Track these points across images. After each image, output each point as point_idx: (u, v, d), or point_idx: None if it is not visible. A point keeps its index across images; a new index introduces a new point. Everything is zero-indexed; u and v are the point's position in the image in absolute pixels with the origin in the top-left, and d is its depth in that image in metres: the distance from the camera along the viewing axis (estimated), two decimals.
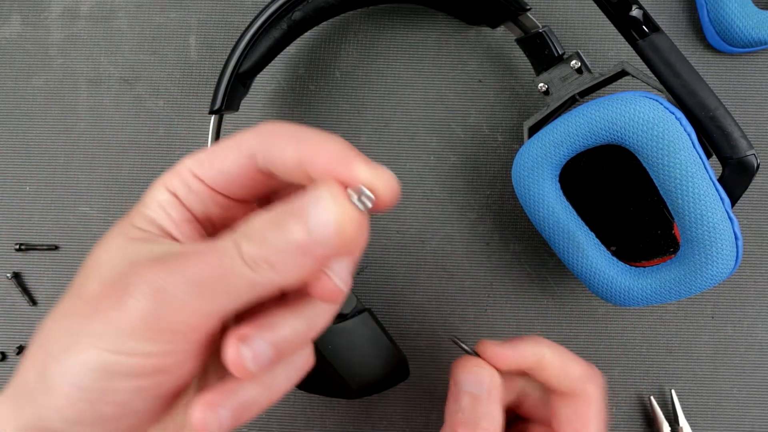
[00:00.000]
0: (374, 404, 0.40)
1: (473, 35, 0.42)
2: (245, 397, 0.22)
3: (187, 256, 0.20)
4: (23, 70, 0.43)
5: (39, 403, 0.20)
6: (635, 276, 0.33)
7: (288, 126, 0.22)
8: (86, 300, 0.20)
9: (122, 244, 0.22)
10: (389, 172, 0.20)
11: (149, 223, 0.22)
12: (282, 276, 0.19)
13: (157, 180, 0.23)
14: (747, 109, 0.41)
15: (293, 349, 0.22)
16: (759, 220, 0.40)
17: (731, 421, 0.39)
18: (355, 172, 0.20)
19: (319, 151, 0.20)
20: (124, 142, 0.42)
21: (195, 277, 0.19)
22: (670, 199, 0.30)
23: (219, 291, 0.19)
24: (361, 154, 0.20)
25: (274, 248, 0.19)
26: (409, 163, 0.41)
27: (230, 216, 0.24)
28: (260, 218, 0.20)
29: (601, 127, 0.31)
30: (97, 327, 0.20)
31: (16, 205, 0.42)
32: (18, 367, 0.21)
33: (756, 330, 0.40)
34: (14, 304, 0.41)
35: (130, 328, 0.19)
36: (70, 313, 0.21)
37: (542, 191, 0.34)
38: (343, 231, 0.19)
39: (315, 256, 0.19)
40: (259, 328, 0.21)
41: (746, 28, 0.38)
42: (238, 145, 0.22)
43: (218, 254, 0.19)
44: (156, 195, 0.22)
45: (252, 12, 0.42)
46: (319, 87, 0.42)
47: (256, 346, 0.20)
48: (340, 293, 0.21)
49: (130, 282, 0.20)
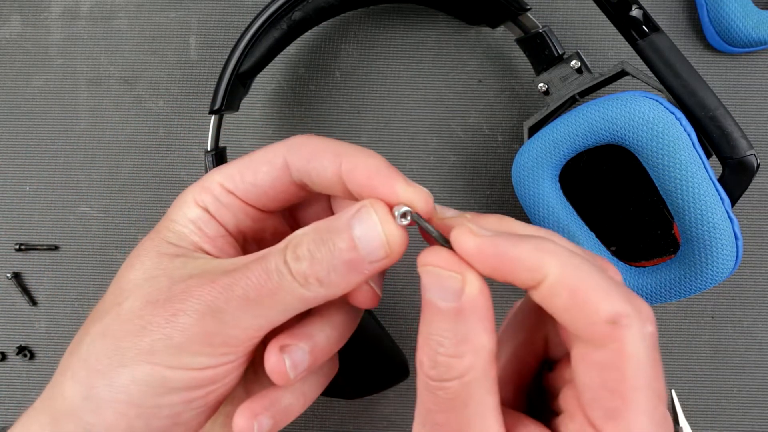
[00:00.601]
0: (374, 404, 0.40)
1: (473, 35, 0.42)
2: (283, 404, 0.23)
3: (237, 274, 0.20)
4: (23, 70, 0.43)
5: (86, 421, 0.20)
6: (635, 276, 0.33)
7: (322, 139, 0.22)
8: (129, 318, 0.21)
9: (158, 261, 0.22)
10: (425, 190, 0.21)
11: (182, 239, 0.22)
12: (330, 290, 0.20)
13: (184, 194, 0.23)
14: (747, 109, 0.41)
15: (326, 356, 0.23)
16: (759, 220, 0.40)
17: (731, 421, 0.39)
18: (397, 191, 0.20)
19: (358, 166, 0.21)
20: (124, 142, 0.42)
21: (247, 295, 0.20)
22: (670, 199, 0.30)
23: (270, 307, 0.20)
24: (398, 170, 0.21)
25: (325, 266, 0.20)
26: (409, 163, 0.41)
27: (260, 227, 0.24)
28: (307, 236, 0.20)
29: (601, 127, 0.31)
30: (148, 343, 0.20)
31: (16, 205, 0.42)
32: (52, 383, 0.21)
33: (756, 330, 0.40)
34: (14, 304, 0.41)
35: (184, 343, 0.20)
36: (112, 332, 0.21)
37: (542, 191, 0.34)
38: (390, 248, 0.20)
39: (362, 272, 0.20)
40: (297, 338, 0.22)
41: (746, 28, 0.38)
42: (271, 158, 0.22)
43: (269, 272, 0.20)
44: (187, 211, 0.23)
45: (252, 12, 0.42)
46: (319, 87, 0.42)
47: (295, 355, 0.21)
48: (378, 299, 0.23)
49: (180, 299, 0.20)
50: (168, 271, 0.21)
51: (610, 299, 0.17)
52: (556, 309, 0.18)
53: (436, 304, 0.19)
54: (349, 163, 0.21)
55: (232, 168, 0.23)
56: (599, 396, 0.18)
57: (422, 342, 0.19)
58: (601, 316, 0.17)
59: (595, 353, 0.18)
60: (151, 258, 0.22)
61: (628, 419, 0.17)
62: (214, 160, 0.35)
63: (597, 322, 0.17)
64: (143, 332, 0.20)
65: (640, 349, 0.17)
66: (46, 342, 0.41)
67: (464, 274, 0.19)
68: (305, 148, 0.22)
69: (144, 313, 0.20)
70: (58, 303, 0.41)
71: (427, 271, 0.19)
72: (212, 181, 0.23)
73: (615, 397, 0.17)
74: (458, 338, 0.19)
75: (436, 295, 0.19)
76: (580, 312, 0.18)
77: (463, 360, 0.18)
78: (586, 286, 0.18)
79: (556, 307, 0.18)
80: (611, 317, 0.17)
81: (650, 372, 0.18)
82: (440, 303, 0.19)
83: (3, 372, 0.41)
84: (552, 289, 0.18)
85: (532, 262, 0.18)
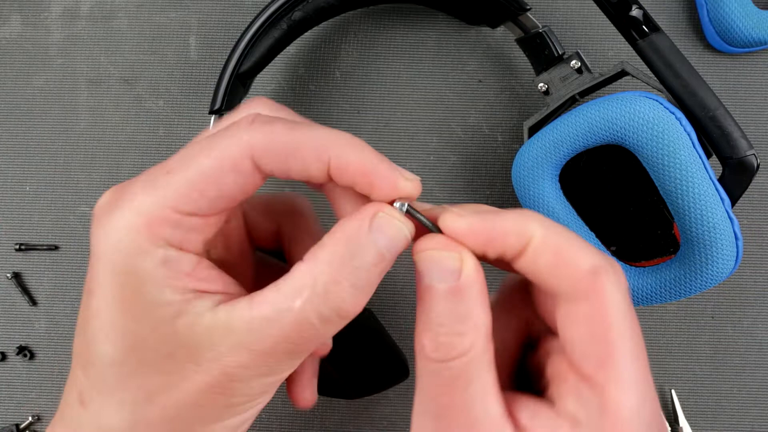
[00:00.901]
0: (374, 404, 0.40)
1: (473, 35, 0.42)
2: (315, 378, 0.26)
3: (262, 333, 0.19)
4: (23, 70, 0.43)
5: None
6: (635, 276, 0.33)
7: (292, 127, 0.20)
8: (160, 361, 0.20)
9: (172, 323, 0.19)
10: (417, 177, 0.21)
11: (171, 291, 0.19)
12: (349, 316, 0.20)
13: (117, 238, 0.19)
14: (747, 109, 0.41)
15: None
16: (759, 220, 0.40)
17: (731, 421, 0.39)
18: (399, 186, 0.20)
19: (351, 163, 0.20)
20: (124, 142, 0.42)
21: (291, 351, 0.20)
22: (670, 199, 0.30)
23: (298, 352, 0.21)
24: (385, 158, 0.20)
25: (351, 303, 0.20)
26: (409, 163, 0.41)
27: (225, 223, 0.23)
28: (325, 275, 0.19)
29: (601, 127, 0.31)
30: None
31: (16, 205, 0.42)
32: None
33: (756, 330, 0.40)
34: (14, 304, 0.41)
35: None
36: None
37: (542, 191, 0.34)
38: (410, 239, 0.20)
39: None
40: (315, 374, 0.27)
41: (746, 28, 0.38)
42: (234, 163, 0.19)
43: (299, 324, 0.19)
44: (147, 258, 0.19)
45: (252, 12, 0.42)
46: (319, 87, 0.42)
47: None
48: None
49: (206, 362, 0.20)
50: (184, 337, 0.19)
51: (589, 254, 0.19)
52: (541, 270, 0.19)
53: (436, 286, 0.19)
54: (339, 159, 0.20)
55: (180, 184, 0.19)
56: (588, 347, 0.19)
57: (422, 327, 0.20)
58: (583, 268, 0.19)
59: (579, 307, 0.19)
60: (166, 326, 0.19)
61: (617, 362, 0.18)
62: None
63: (579, 274, 0.19)
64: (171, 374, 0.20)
65: (618, 296, 0.19)
66: (46, 342, 0.41)
67: (461, 252, 0.20)
68: (276, 143, 0.19)
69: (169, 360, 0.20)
70: (58, 303, 0.41)
71: (425, 256, 0.20)
72: (158, 207, 0.19)
73: (602, 344, 0.19)
74: (459, 317, 0.19)
75: (436, 278, 0.19)
76: (564, 267, 0.19)
77: (464, 338, 0.19)
78: (568, 244, 0.19)
79: (542, 267, 0.19)
80: (592, 268, 0.19)
81: (630, 320, 0.19)
82: (439, 285, 0.19)
83: (3, 372, 0.41)
84: (538, 249, 0.19)
85: (518, 227, 0.19)
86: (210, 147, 0.20)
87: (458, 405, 0.19)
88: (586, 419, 0.19)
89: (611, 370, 0.19)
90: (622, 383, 0.18)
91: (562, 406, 0.19)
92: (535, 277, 0.20)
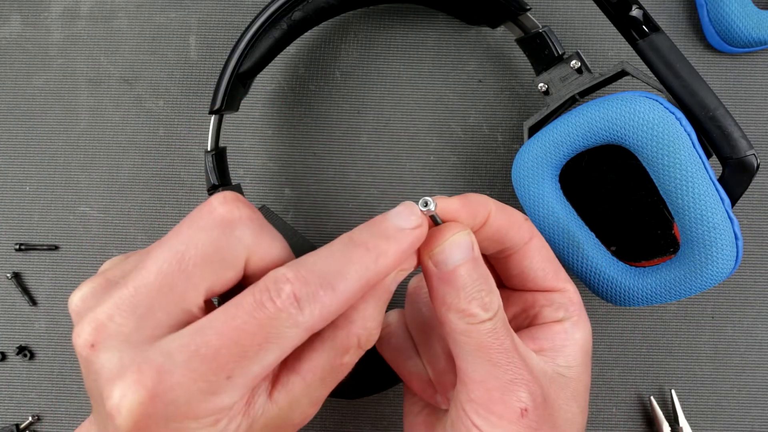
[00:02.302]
0: (374, 404, 0.40)
1: (473, 35, 0.42)
2: None
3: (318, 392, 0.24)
4: (23, 70, 0.43)
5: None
6: (635, 276, 0.33)
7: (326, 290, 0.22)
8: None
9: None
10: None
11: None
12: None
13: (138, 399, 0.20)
14: (747, 109, 0.41)
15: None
16: (759, 220, 0.40)
17: (731, 421, 0.39)
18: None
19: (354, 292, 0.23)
20: (124, 142, 0.42)
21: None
22: (670, 199, 0.30)
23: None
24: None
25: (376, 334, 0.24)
26: (409, 163, 0.41)
27: None
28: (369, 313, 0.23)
29: (601, 127, 0.31)
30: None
31: (16, 205, 0.42)
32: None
33: (756, 330, 0.40)
34: (14, 304, 0.41)
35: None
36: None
37: (542, 191, 0.34)
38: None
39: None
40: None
41: (746, 28, 0.38)
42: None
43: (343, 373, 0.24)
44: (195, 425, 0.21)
45: (252, 12, 0.42)
46: (319, 87, 0.42)
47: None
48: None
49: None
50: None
51: (517, 211, 0.27)
52: (497, 229, 0.26)
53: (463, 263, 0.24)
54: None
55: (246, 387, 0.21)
56: (542, 273, 0.27)
57: (466, 303, 0.24)
58: (521, 219, 0.27)
59: (525, 250, 0.27)
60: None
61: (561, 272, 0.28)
62: (214, 160, 0.35)
63: (519, 224, 0.27)
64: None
65: (539, 234, 0.28)
66: (46, 342, 0.41)
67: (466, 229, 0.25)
68: (327, 319, 0.22)
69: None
70: (58, 303, 0.41)
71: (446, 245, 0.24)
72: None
73: (549, 263, 0.28)
74: (485, 280, 0.24)
75: (459, 257, 0.24)
76: (512, 222, 0.26)
77: (496, 293, 0.24)
78: (507, 208, 0.27)
79: (498, 227, 0.26)
80: (524, 218, 0.27)
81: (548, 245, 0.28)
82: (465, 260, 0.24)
83: (3, 372, 0.41)
84: (495, 216, 0.26)
85: (482, 202, 0.26)
86: (274, 338, 0.21)
87: (510, 348, 0.24)
88: (565, 315, 0.27)
89: (562, 275, 0.28)
90: (569, 282, 0.28)
91: (544, 318, 0.27)
92: (493, 239, 0.26)
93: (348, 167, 0.41)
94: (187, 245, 0.21)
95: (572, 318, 0.27)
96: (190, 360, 0.20)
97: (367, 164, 0.41)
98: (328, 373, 0.23)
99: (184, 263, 0.21)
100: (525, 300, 0.28)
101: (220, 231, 0.22)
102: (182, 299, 0.21)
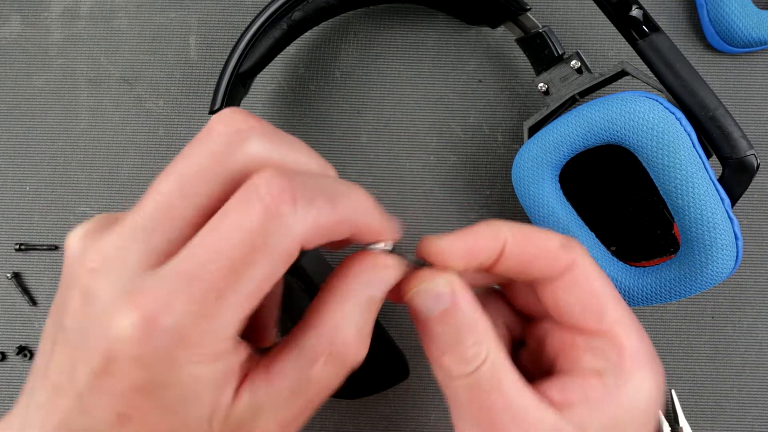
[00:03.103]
0: (374, 404, 0.40)
1: (473, 35, 0.42)
2: None
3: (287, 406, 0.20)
4: (23, 70, 0.43)
5: None
6: (635, 276, 0.33)
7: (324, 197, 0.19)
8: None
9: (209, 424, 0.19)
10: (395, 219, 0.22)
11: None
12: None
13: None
14: (747, 109, 0.41)
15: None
16: (759, 220, 0.40)
17: (731, 421, 0.39)
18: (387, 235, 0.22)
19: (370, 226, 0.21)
20: (124, 142, 0.42)
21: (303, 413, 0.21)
22: (670, 199, 0.30)
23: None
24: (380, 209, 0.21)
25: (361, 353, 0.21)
26: (409, 163, 0.41)
27: None
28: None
29: (601, 127, 0.31)
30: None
31: (16, 205, 0.42)
32: None
33: (756, 330, 0.40)
34: (14, 304, 0.41)
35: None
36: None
37: (542, 191, 0.34)
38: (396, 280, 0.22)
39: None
40: None
41: (746, 28, 0.38)
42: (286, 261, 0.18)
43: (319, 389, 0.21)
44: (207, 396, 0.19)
45: (252, 12, 0.42)
46: (319, 87, 0.42)
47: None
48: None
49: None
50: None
51: (552, 235, 0.22)
52: (522, 262, 0.22)
53: (438, 313, 0.21)
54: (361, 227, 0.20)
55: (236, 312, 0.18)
56: (583, 307, 0.22)
57: (439, 353, 0.21)
58: (554, 245, 0.22)
59: (564, 279, 0.22)
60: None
61: (614, 310, 0.22)
62: None
63: (553, 252, 0.22)
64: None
65: (589, 259, 0.23)
66: None
67: (445, 275, 0.21)
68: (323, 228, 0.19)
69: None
70: None
71: (417, 292, 0.21)
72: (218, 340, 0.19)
73: (595, 299, 0.22)
74: (469, 329, 0.21)
75: (437, 306, 0.21)
76: (539, 252, 0.22)
77: (481, 346, 0.21)
78: (536, 234, 0.22)
79: (520, 259, 0.22)
80: (561, 245, 0.22)
81: (605, 275, 0.23)
82: (435, 310, 0.21)
83: (3, 372, 0.41)
84: (513, 246, 0.22)
85: (492, 233, 0.22)
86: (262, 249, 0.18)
87: (499, 405, 0.21)
88: (606, 366, 0.21)
89: (612, 315, 0.22)
90: (624, 325, 0.22)
91: (580, 366, 0.22)
92: (517, 271, 0.22)
93: (348, 167, 0.41)
94: (186, 166, 0.19)
95: (617, 371, 0.21)
96: (179, 281, 0.18)
97: (367, 164, 0.41)
98: (297, 385, 0.20)
99: (182, 184, 0.19)
100: (564, 338, 0.23)
101: (223, 145, 0.19)
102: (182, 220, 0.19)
